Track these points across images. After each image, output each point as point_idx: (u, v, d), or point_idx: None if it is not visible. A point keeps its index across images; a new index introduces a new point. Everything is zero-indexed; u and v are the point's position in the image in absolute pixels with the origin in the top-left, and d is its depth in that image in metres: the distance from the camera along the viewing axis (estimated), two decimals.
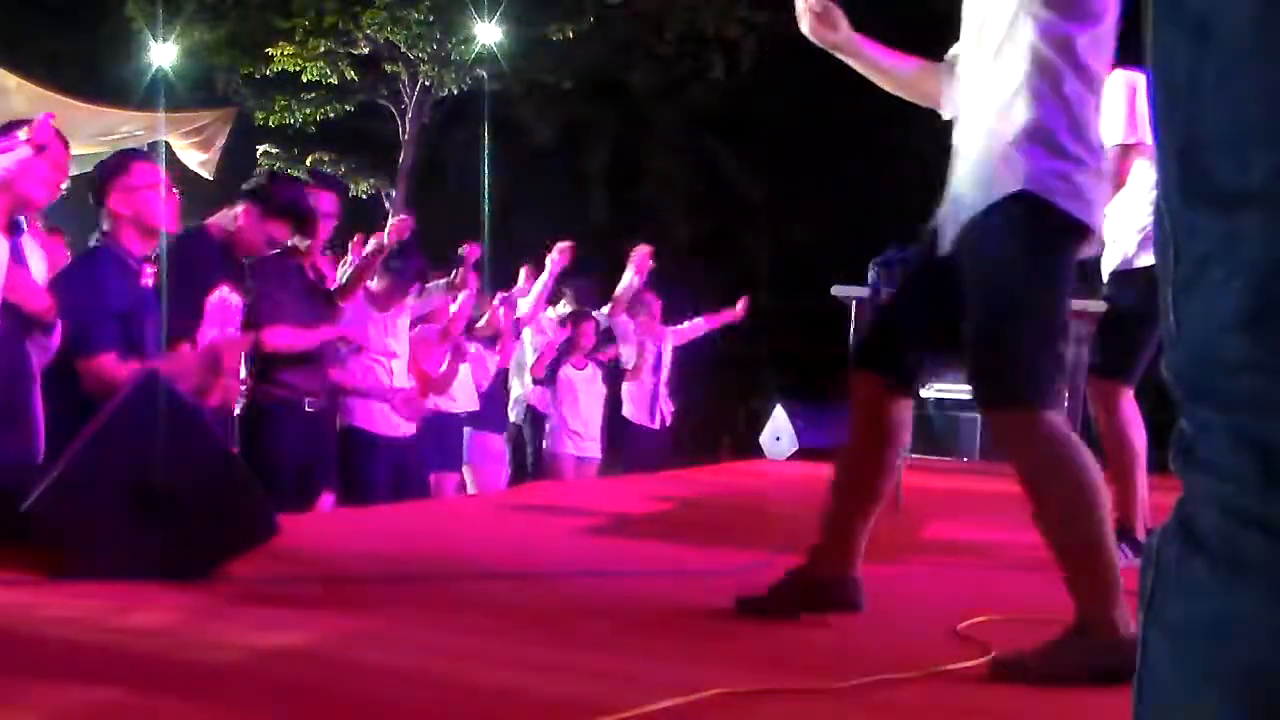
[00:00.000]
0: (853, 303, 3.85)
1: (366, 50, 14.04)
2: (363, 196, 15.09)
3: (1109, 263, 4.04)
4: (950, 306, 2.43)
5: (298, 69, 13.81)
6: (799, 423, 10.99)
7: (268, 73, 13.87)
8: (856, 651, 2.47)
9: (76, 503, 2.73)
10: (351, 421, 5.33)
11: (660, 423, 8.31)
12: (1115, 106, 3.67)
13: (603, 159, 17.83)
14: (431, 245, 7.12)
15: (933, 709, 2.14)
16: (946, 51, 2.73)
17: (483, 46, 13.95)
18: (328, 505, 4.91)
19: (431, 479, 6.22)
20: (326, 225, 5.10)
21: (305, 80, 13.99)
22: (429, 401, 5.99)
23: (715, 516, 5.48)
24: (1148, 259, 3.82)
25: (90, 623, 2.38)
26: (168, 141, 10.78)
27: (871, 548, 4.04)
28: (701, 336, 8.81)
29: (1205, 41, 0.72)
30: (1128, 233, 3.97)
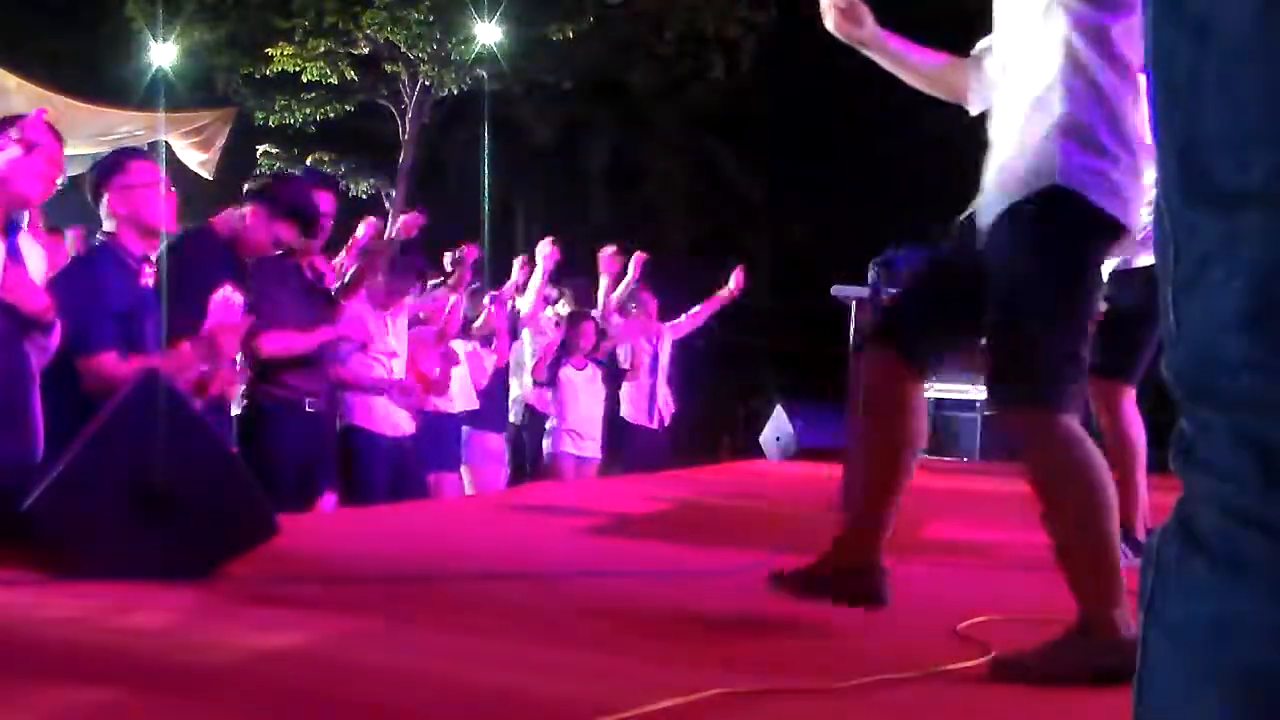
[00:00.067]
0: (853, 303, 3.85)
1: (366, 50, 14.04)
2: (363, 196, 15.09)
3: (1109, 262, 4.04)
4: (977, 301, 2.39)
5: (298, 69, 13.81)
6: (799, 423, 10.99)
7: (268, 73, 13.87)
8: (856, 651, 2.47)
9: (76, 503, 2.73)
10: (351, 420, 5.33)
11: (659, 423, 8.30)
12: None
13: (603, 159, 17.83)
14: (432, 245, 7.12)
15: (933, 709, 2.14)
16: (973, 46, 2.71)
17: (483, 46, 13.95)
18: (329, 506, 4.91)
19: (430, 479, 6.21)
20: (324, 225, 5.10)
21: (305, 80, 13.99)
22: (426, 402, 5.99)
23: (715, 516, 5.48)
24: (1148, 259, 3.82)
25: (90, 623, 2.38)
26: (168, 141, 10.79)
27: None
28: (702, 328, 8.79)
29: (1205, 41, 0.72)
30: None
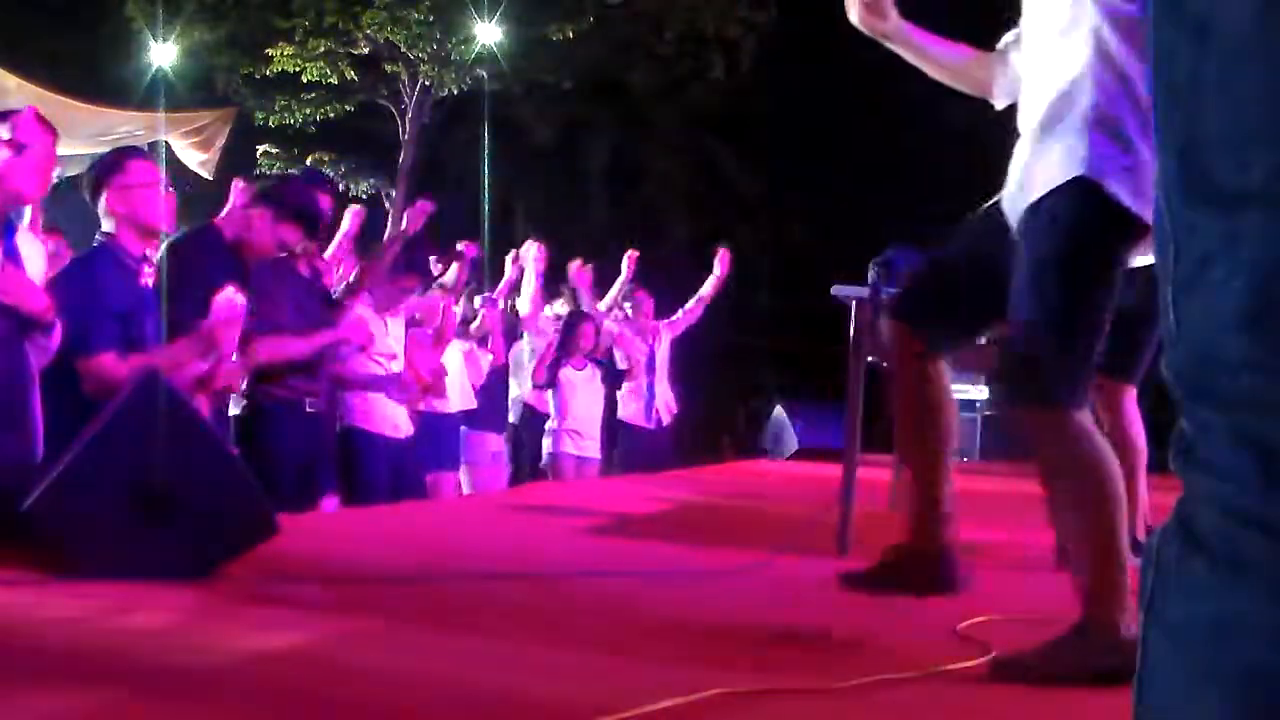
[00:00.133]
0: (853, 303, 3.84)
1: (366, 50, 14.05)
2: (363, 196, 15.09)
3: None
4: (988, 292, 2.38)
5: (298, 69, 13.82)
6: (799, 423, 11.00)
7: (268, 73, 13.87)
8: (856, 651, 2.47)
9: (76, 503, 2.73)
10: (351, 421, 5.33)
11: (656, 423, 8.28)
12: None
13: (603, 159, 17.83)
14: (433, 245, 7.13)
15: (933, 709, 2.13)
16: (999, 39, 2.70)
17: (483, 46, 13.95)
18: (331, 508, 4.91)
19: (429, 479, 6.22)
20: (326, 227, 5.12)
21: (305, 80, 14.00)
22: (425, 401, 5.99)
23: (715, 516, 5.48)
24: (1148, 258, 3.82)
25: (90, 623, 2.38)
26: (168, 141, 10.79)
27: (871, 548, 4.06)
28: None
29: (1205, 41, 0.72)
30: None
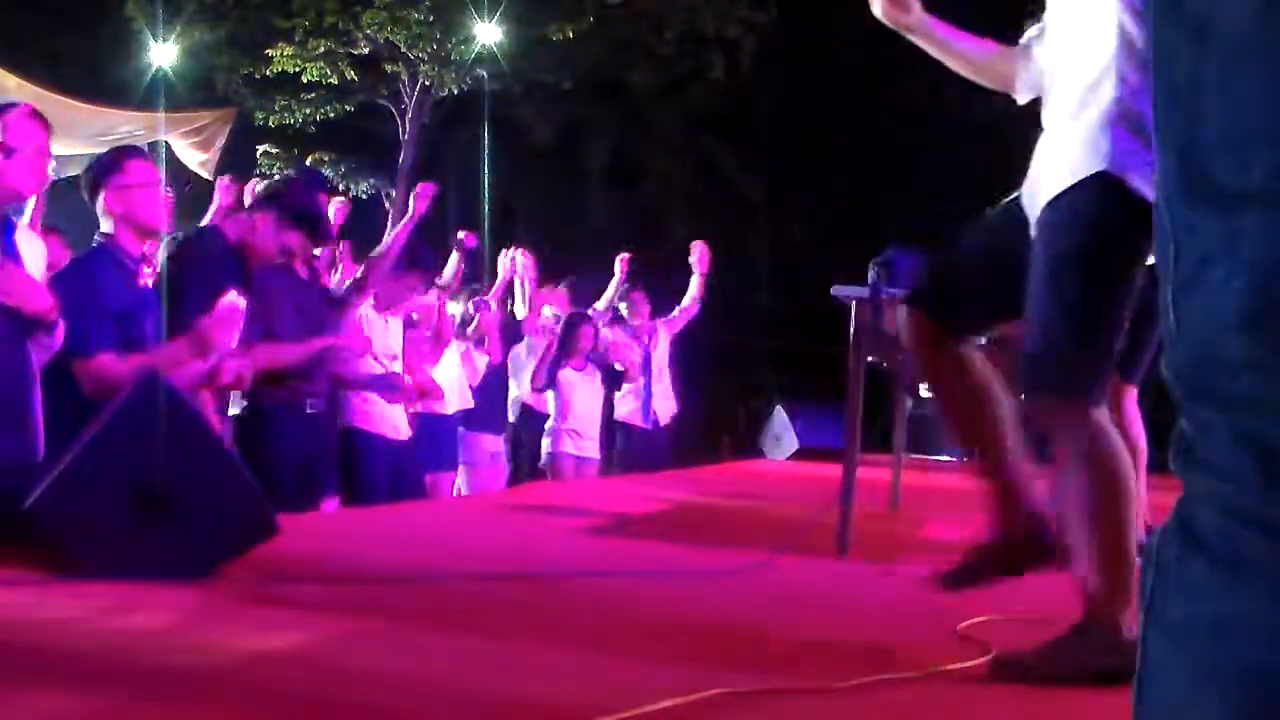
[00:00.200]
0: (853, 303, 3.84)
1: (366, 50, 14.04)
2: (363, 196, 15.09)
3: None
4: (1006, 286, 2.36)
5: (298, 69, 13.81)
6: (799, 423, 10.99)
7: (268, 73, 13.87)
8: (856, 651, 2.47)
9: (76, 503, 2.73)
10: (351, 422, 5.33)
11: (653, 423, 8.26)
12: None
13: (603, 159, 17.82)
14: (431, 245, 7.12)
15: (933, 709, 2.14)
16: (1022, 35, 2.69)
17: (483, 46, 13.95)
18: (331, 509, 4.91)
19: (428, 479, 6.22)
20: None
21: (305, 80, 13.99)
22: (422, 403, 5.98)
23: (715, 516, 5.48)
24: (1151, 258, 3.81)
25: (90, 623, 2.38)
26: (168, 141, 10.79)
27: (871, 548, 4.07)
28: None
29: (1205, 42, 0.72)
30: None
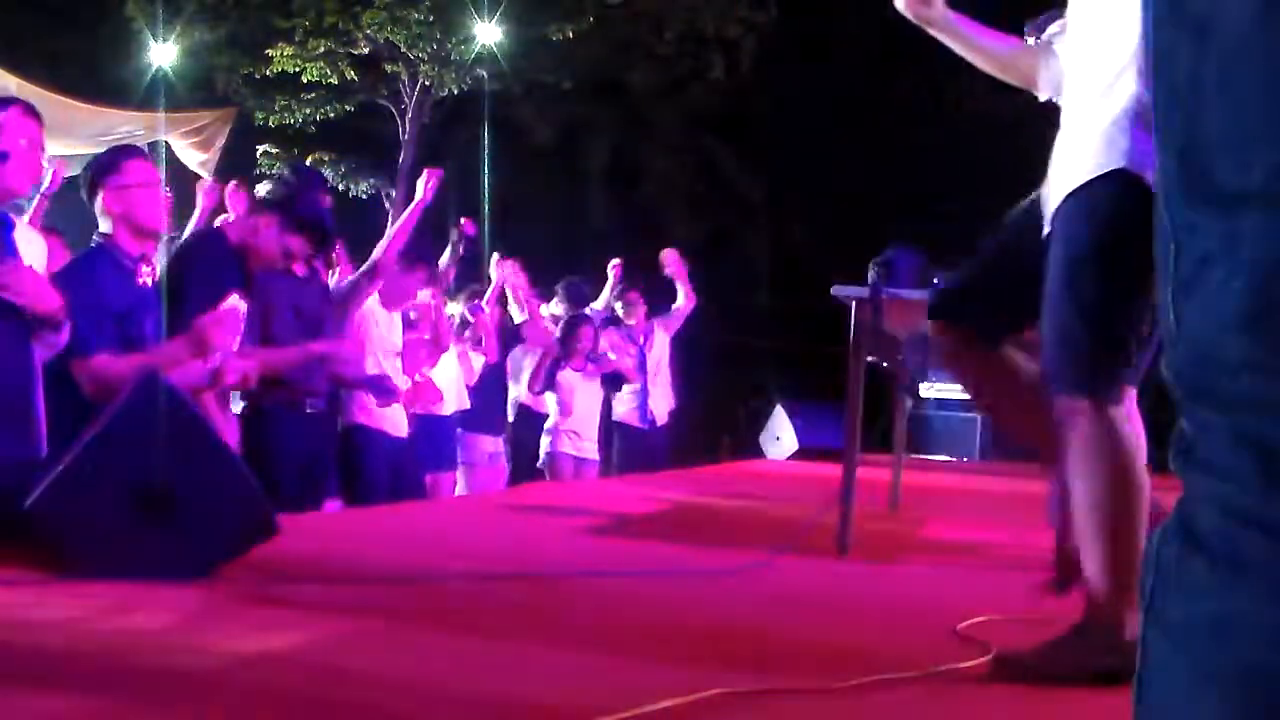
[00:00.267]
0: (853, 303, 3.84)
1: (366, 50, 14.03)
2: (363, 196, 15.09)
3: None
4: (1029, 287, 2.35)
5: (298, 69, 13.80)
6: (799, 423, 10.99)
7: (268, 73, 13.86)
8: (856, 651, 2.47)
9: (76, 503, 2.73)
10: (353, 419, 5.33)
11: (650, 423, 8.25)
12: None
13: (603, 159, 17.81)
14: (432, 244, 7.13)
15: (933, 709, 2.13)
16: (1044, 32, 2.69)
17: (483, 46, 13.94)
18: (332, 510, 4.91)
19: (427, 480, 6.22)
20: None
21: (305, 80, 13.99)
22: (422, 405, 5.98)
23: (715, 516, 5.48)
24: None
25: (90, 623, 2.38)
26: (168, 141, 10.79)
27: (871, 548, 4.07)
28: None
29: (1205, 41, 0.72)
30: None
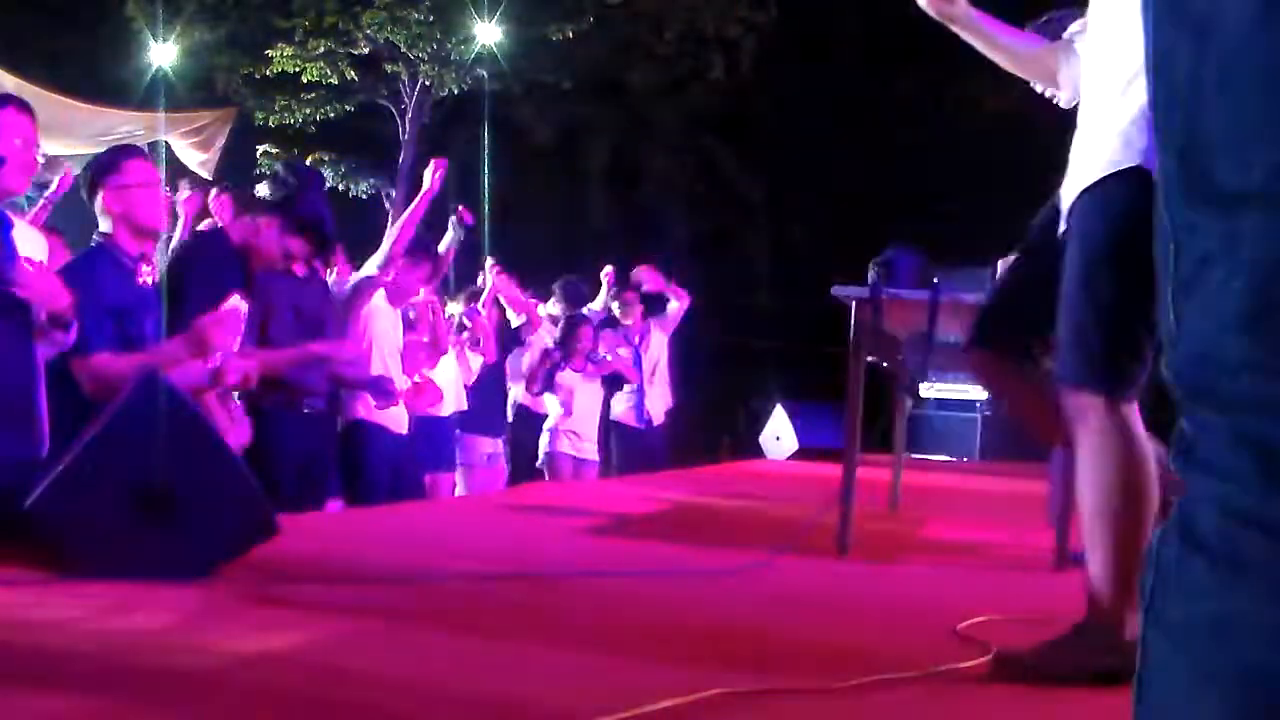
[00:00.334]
0: (853, 303, 3.84)
1: (366, 50, 14.04)
2: (363, 196, 15.09)
3: None
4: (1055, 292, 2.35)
5: (298, 69, 13.81)
6: (799, 423, 11.00)
7: (268, 73, 13.87)
8: (856, 651, 2.47)
9: (77, 503, 2.73)
10: (355, 415, 5.32)
11: (647, 422, 8.23)
12: None
13: (603, 159, 17.82)
14: (432, 244, 7.12)
15: (933, 709, 2.13)
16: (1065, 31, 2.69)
17: (483, 46, 13.95)
18: (333, 510, 4.91)
19: (427, 480, 6.22)
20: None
21: (305, 80, 13.99)
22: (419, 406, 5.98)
23: (715, 516, 5.48)
24: None
25: (90, 623, 2.38)
26: (168, 141, 10.79)
27: (871, 548, 4.07)
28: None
29: (1205, 41, 0.72)
30: None
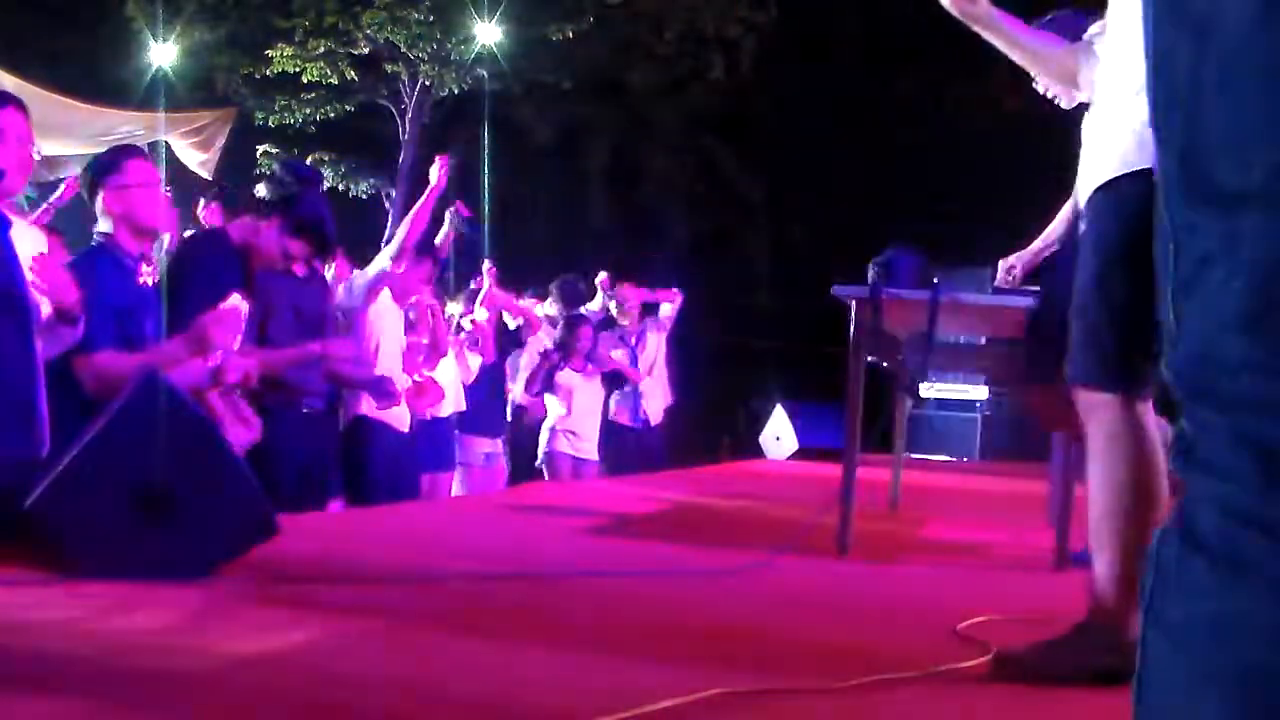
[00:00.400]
0: (853, 303, 3.84)
1: (366, 50, 14.04)
2: (363, 196, 15.09)
3: None
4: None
5: (298, 69, 13.81)
6: (799, 423, 11.00)
7: (268, 73, 13.87)
8: (856, 651, 2.47)
9: (77, 502, 2.73)
10: (357, 412, 5.32)
11: (643, 422, 8.23)
12: None
13: (603, 159, 17.83)
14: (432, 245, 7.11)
15: (933, 709, 2.13)
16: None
17: (483, 46, 13.95)
18: (334, 510, 4.91)
19: (427, 480, 6.21)
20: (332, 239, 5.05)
21: (305, 80, 13.99)
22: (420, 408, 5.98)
23: (715, 516, 5.48)
24: None
25: (90, 623, 2.38)
26: (168, 141, 10.79)
27: (871, 548, 4.07)
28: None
29: (1205, 42, 0.72)
30: None
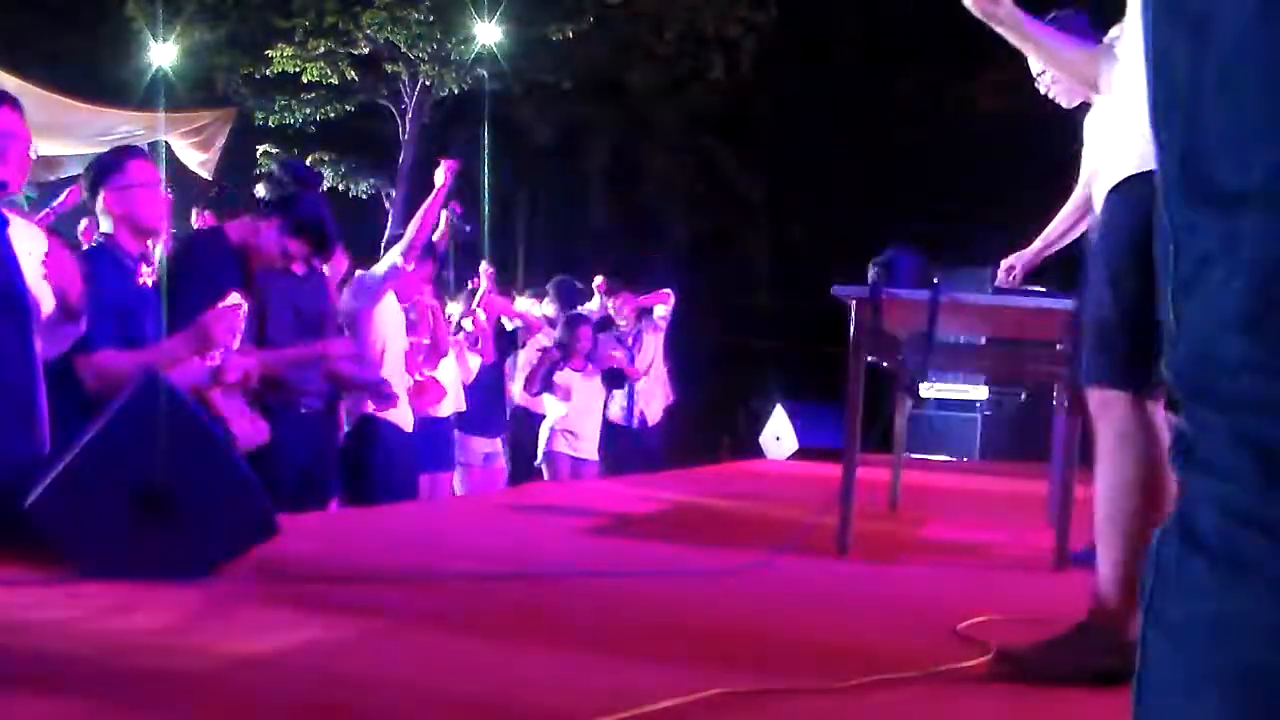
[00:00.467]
0: (853, 303, 3.84)
1: (366, 50, 14.05)
2: (363, 196, 15.09)
3: None
4: None
5: (298, 69, 13.82)
6: (799, 423, 10.99)
7: (268, 73, 13.88)
8: (856, 651, 2.47)
9: (77, 503, 2.73)
10: (364, 410, 5.31)
11: (641, 423, 8.23)
12: None
13: (603, 159, 17.83)
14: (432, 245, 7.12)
15: (933, 709, 2.13)
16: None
17: (483, 46, 13.96)
18: (333, 510, 4.90)
19: (427, 480, 6.21)
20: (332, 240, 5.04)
21: (305, 80, 14.00)
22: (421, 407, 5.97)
23: (715, 516, 5.48)
24: None
25: (90, 623, 2.38)
26: (168, 141, 10.79)
27: (871, 548, 4.07)
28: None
29: (1204, 41, 0.72)
30: None
